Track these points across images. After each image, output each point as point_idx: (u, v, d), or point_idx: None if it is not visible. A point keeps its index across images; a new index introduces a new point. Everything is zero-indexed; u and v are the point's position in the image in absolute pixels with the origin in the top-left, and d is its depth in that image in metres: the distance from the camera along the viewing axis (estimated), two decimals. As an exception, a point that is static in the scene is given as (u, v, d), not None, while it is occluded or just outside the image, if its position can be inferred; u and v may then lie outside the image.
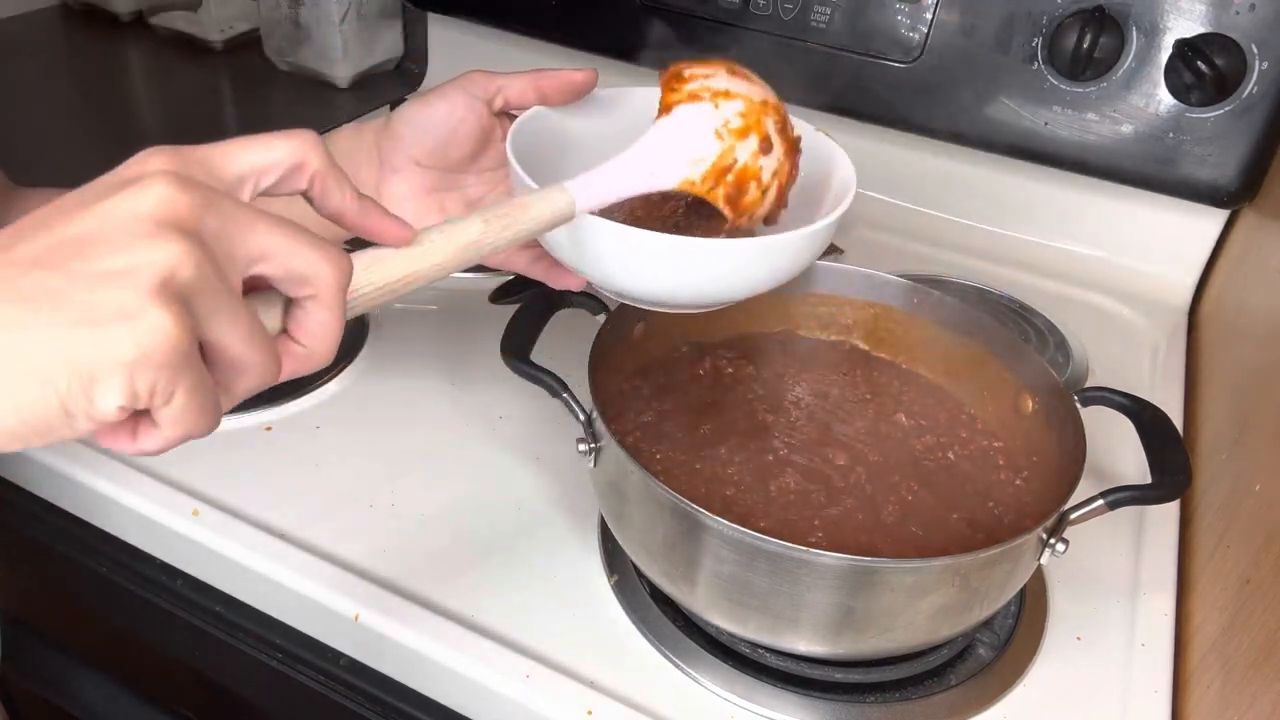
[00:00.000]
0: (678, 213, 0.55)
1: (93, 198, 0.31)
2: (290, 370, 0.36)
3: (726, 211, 0.49)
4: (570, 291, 0.59)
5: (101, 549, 0.66)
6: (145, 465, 0.64)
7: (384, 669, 0.58)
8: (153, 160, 0.32)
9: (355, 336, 0.78)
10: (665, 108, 0.50)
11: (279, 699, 0.64)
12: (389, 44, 1.23)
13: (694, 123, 0.49)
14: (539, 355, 0.58)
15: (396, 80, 1.24)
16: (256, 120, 1.18)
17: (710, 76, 0.50)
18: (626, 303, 0.54)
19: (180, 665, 0.71)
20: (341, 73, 1.19)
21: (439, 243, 0.39)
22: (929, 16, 0.89)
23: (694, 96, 0.49)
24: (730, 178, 0.49)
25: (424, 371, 0.76)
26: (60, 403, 0.30)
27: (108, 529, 0.66)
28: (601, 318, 0.61)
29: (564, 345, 0.61)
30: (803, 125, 0.55)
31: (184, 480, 0.64)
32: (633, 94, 0.59)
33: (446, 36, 1.18)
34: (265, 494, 0.64)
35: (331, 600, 0.57)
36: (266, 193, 0.36)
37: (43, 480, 0.67)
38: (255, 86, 1.22)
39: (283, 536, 0.61)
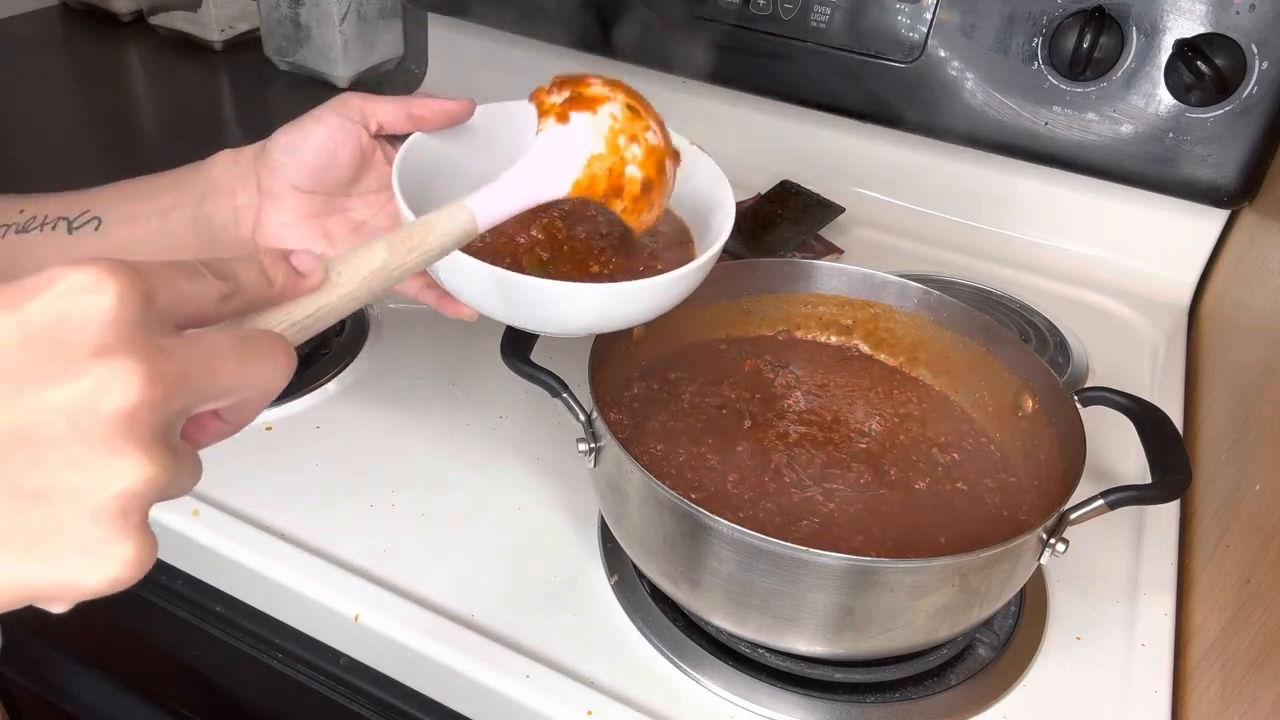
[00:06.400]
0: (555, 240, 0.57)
1: (21, 374, 0.25)
2: (207, 443, 0.34)
3: (629, 220, 0.51)
4: None
5: (101, 549, 0.66)
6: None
7: (384, 669, 0.58)
8: (106, 335, 0.26)
9: (355, 337, 0.78)
10: (547, 114, 0.50)
11: (279, 699, 0.64)
12: (389, 44, 1.24)
13: (584, 130, 0.49)
14: (539, 355, 0.58)
15: (396, 80, 1.24)
16: (256, 120, 1.18)
17: (588, 85, 0.50)
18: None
19: (180, 665, 0.71)
20: (341, 72, 1.19)
21: (346, 273, 0.37)
22: (929, 16, 0.89)
23: (578, 104, 0.50)
24: (625, 183, 0.50)
25: (424, 371, 0.76)
26: (29, 602, 0.28)
27: (108, 529, 0.65)
28: (601, 318, 0.61)
29: (564, 345, 0.61)
30: (679, 139, 0.57)
31: (184, 480, 0.64)
32: (509, 109, 0.58)
33: (446, 36, 1.18)
34: (265, 494, 0.64)
35: (331, 600, 0.57)
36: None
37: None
38: (255, 86, 1.22)
39: (283, 536, 0.61)
